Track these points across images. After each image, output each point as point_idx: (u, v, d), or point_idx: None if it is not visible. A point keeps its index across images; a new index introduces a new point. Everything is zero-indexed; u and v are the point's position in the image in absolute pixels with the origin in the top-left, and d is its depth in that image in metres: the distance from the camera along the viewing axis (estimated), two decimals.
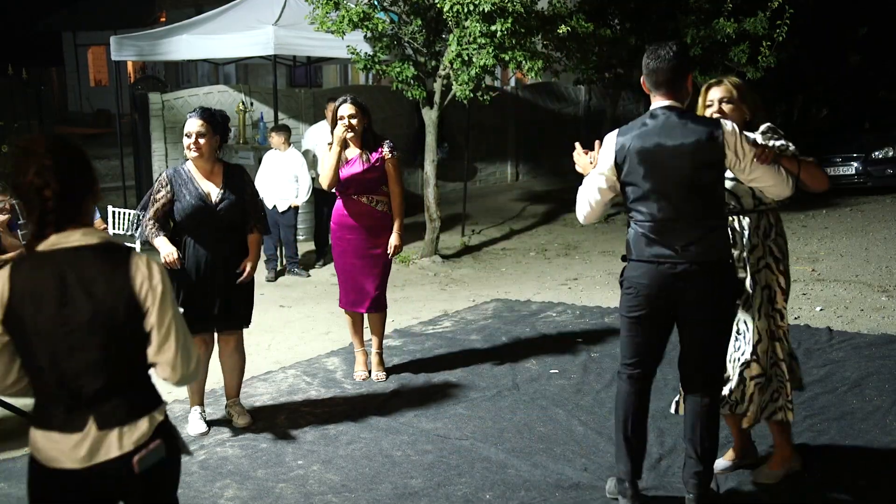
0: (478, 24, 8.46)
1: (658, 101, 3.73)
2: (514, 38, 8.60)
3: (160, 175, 4.86)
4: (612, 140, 3.78)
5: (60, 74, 30.62)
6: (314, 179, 9.27)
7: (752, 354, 3.99)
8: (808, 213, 11.73)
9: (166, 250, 4.69)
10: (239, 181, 4.88)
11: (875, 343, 6.19)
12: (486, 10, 8.32)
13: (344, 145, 5.52)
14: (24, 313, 2.33)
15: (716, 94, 4.03)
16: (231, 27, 10.71)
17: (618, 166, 3.74)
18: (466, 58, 8.71)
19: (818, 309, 7.21)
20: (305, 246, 10.10)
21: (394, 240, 5.63)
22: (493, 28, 8.46)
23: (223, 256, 4.81)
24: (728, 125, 3.67)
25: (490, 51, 8.58)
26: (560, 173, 15.84)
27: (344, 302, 5.78)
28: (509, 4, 8.34)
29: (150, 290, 2.40)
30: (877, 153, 13.07)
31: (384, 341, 6.05)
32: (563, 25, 9.02)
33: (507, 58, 8.71)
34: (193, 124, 4.75)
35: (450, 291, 8.52)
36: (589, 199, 3.86)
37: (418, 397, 5.46)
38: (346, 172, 5.52)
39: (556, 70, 10.90)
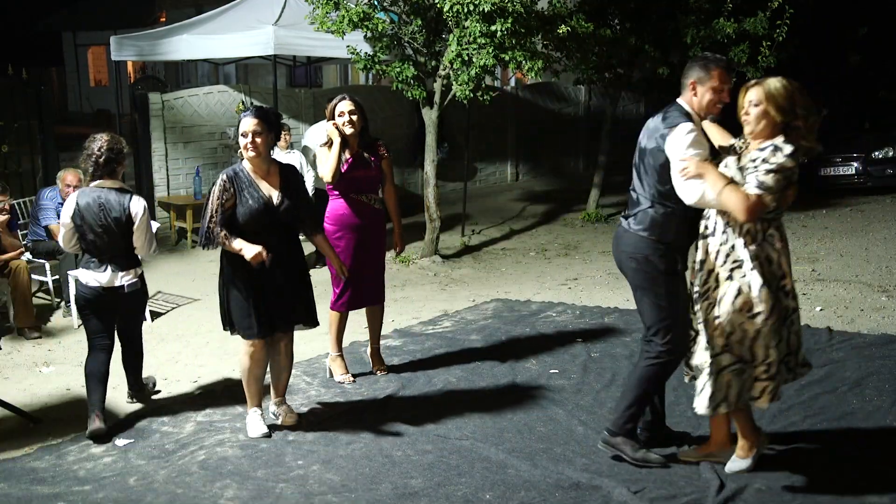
0: (478, 24, 8.46)
1: None
2: (514, 38, 8.59)
3: (220, 178, 4.64)
4: None
5: (60, 74, 30.59)
6: (313, 178, 9.27)
7: (718, 346, 4.04)
8: (808, 213, 11.72)
9: (252, 250, 4.50)
10: (294, 181, 4.82)
11: (875, 343, 6.19)
12: (486, 10, 8.31)
13: (343, 143, 5.52)
14: (83, 216, 4.95)
15: (750, 95, 4.08)
16: (231, 27, 10.72)
17: None
18: (466, 58, 8.71)
19: (818, 309, 7.21)
20: (305, 247, 10.08)
21: (400, 240, 5.95)
22: (493, 28, 8.45)
23: (283, 258, 4.70)
24: (683, 128, 3.98)
25: (490, 51, 8.58)
26: (560, 173, 15.85)
27: (340, 303, 5.67)
28: (509, 4, 8.34)
29: (138, 214, 4.99)
30: (877, 153, 13.05)
31: (382, 341, 6.07)
32: (563, 25, 9.02)
33: (507, 58, 8.71)
34: (249, 123, 4.59)
35: (450, 291, 8.52)
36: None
37: (418, 397, 5.47)
38: (349, 172, 5.53)
39: (556, 70, 10.90)
